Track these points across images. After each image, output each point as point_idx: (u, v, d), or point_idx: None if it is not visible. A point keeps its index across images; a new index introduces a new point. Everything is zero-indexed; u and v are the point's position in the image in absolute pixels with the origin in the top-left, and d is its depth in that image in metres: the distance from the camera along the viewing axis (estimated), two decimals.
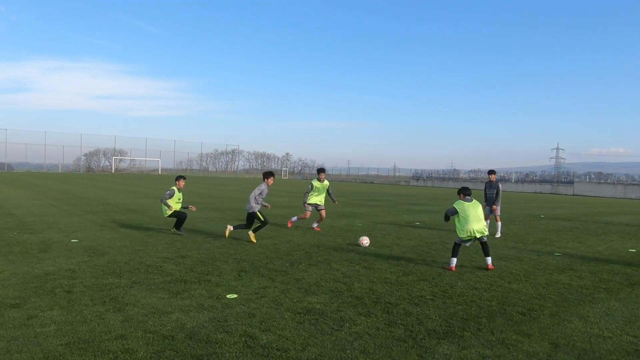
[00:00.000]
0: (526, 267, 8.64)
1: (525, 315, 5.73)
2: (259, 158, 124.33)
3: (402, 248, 10.39)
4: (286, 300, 6.03)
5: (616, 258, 10.05)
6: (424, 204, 25.32)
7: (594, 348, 4.73)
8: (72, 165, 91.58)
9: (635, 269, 8.87)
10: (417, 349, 4.55)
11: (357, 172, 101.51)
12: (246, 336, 4.72)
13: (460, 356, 4.40)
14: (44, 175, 60.03)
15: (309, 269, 7.93)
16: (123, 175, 73.42)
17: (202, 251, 9.19)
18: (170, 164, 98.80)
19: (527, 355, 4.49)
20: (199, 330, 4.82)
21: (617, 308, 6.19)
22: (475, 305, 6.06)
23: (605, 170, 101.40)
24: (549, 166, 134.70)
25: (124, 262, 7.97)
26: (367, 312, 5.65)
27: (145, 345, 4.41)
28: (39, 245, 9.39)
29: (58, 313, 5.22)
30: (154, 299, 5.89)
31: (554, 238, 13.06)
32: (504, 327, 5.24)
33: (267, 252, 9.38)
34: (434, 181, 77.59)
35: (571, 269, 8.63)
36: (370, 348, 4.52)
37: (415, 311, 5.74)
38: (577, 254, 10.37)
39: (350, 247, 10.21)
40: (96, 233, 11.20)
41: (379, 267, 8.20)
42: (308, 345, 4.53)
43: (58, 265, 7.58)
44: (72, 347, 4.31)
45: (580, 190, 58.11)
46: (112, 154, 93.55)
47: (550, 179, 71.71)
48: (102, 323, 4.95)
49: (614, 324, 5.50)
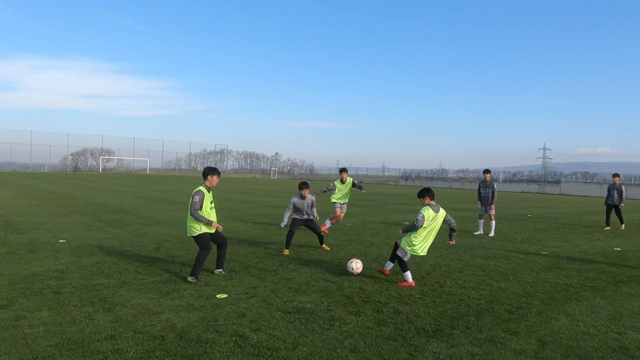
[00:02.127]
0: (514, 266, 8.73)
1: (513, 313, 5.80)
2: (248, 158, 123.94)
3: (391, 247, 10.44)
4: (276, 299, 6.04)
5: (602, 257, 10.19)
6: (413, 204, 25.42)
7: (580, 345, 4.80)
8: (59, 165, 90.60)
9: (620, 268, 9.01)
10: (407, 347, 4.59)
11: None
12: (237, 336, 4.72)
13: (449, 354, 4.45)
14: (30, 175, 59.33)
15: (299, 268, 7.95)
16: (111, 175, 72.80)
17: (191, 251, 9.16)
18: (159, 164, 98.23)
19: (514, 352, 4.55)
20: (189, 330, 4.82)
21: (603, 306, 6.29)
22: (464, 304, 6.12)
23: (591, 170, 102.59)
24: (536, 166, 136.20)
25: (113, 263, 7.92)
26: (357, 311, 5.68)
27: (135, 345, 4.39)
28: (26, 245, 9.30)
29: (46, 314, 5.19)
30: (144, 299, 5.87)
31: (541, 237, 13.20)
32: (492, 325, 5.30)
33: (257, 251, 9.37)
34: (423, 181, 77.92)
35: (558, 268, 8.74)
36: (361, 347, 4.55)
37: (405, 310, 5.78)
38: (564, 253, 10.50)
39: (340, 247, 10.25)
40: (84, 233, 11.11)
41: (369, 267, 8.24)
42: (298, 345, 4.55)
43: (46, 266, 7.52)
44: (61, 347, 4.28)
45: (566, 190, 58.73)
46: (100, 154, 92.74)
47: (538, 178, 72.40)
48: (92, 323, 4.93)
49: (599, 322, 5.59)
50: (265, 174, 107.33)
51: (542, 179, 69.72)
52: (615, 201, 16.15)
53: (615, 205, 16.18)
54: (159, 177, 65.86)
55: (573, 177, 68.75)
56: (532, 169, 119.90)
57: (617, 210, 16.24)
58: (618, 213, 16.28)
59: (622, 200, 16.16)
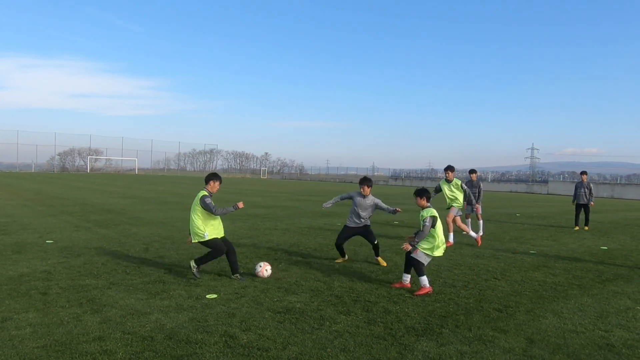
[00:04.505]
0: (502, 265, 8.80)
1: (502, 312, 5.85)
2: (237, 158, 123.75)
3: (381, 247, 10.46)
4: (266, 299, 6.03)
5: (589, 255, 10.31)
6: (403, 203, 25.51)
7: (567, 343, 4.85)
8: (46, 164, 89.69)
9: (606, 266, 9.12)
10: (397, 346, 4.61)
11: (336, 171, 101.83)
12: (226, 336, 4.71)
13: (438, 353, 4.47)
14: (17, 175, 58.63)
15: (289, 268, 7.94)
16: (99, 175, 72.19)
17: (180, 252, 9.12)
18: (147, 164, 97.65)
19: (503, 351, 4.58)
20: (178, 331, 4.79)
21: (590, 304, 6.36)
22: (453, 303, 6.16)
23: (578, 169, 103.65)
24: (524, 166, 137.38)
25: (101, 263, 7.86)
26: (347, 310, 5.69)
27: (124, 346, 4.36)
28: (12, 246, 9.19)
29: (34, 315, 5.13)
30: (133, 299, 5.83)
31: (529, 236, 13.32)
32: (481, 324, 5.34)
33: (246, 252, 9.35)
34: (412, 180, 78.24)
35: (546, 267, 8.83)
36: (351, 346, 4.56)
37: (395, 309, 5.80)
38: (552, 252, 10.60)
39: (330, 246, 10.25)
40: (72, 234, 11.01)
41: (358, 266, 8.26)
42: (289, 344, 4.54)
43: (33, 267, 7.44)
44: (49, 349, 4.24)
45: (554, 190, 59.31)
46: (88, 154, 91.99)
47: (526, 178, 73.06)
48: (80, 325, 4.88)
49: (586, 320, 5.66)
50: (255, 174, 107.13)
51: (530, 179, 70.35)
52: (585, 200, 15.94)
53: (585, 204, 15.97)
54: (147, 177, 65.44)
55: (560, 176, 69.44)
56: (520, 169, 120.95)
57: (586, 209, 16.00)
58: (587, 213, 16.01)
59: (592, 198, 16.02)
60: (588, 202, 15.96)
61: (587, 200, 15.95)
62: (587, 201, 15.95)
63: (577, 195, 16.14)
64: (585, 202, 15.98)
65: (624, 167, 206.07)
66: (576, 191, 16.21)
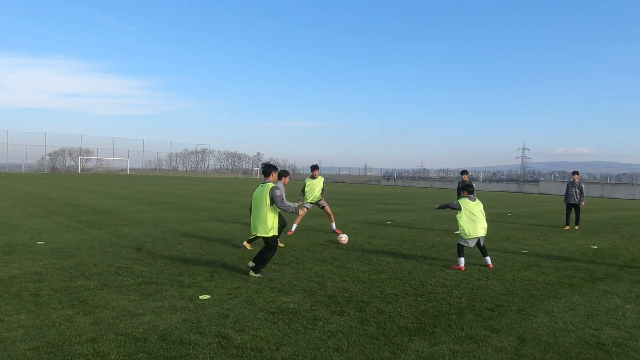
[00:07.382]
0: (494, 264, 8.85)
1: (494, 311, 5.89)
2: (229, 158, 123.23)
3: (373, 247, 10.50)
4: (260, 300, 6.03)
5: (579, 255, 10.40)
6: (395, 203, 25.60)
7: (558, 341, 4.90)
8: (36, 165, 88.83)
9: (596, 265, 9.21)
10: (390, 346, 4.63)
11: (328, 171, 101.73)
12: (220, 337, 4.71)
13: (431, 352, 4.50)
14: (6, 175, 58.09)
15: (282, 268, 7.94)
16: (90, 175, 71.69)
17: (173, 252, 9.09)
18: (139, 164, 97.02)
19: (495, 350, 4.62)
20: (171, 332, 4.78)
21: (580, 303, 6.42)
22: (446, 302, 6.20)
23: (569, 169, 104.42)
24: (515, 165, 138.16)
25: (93, 264, 7.82)
26: (340, 310, 5.71)
27: (116, 348, 4.35)
28: (3, 247, 9.11)
29: (25, 317, 5.10)
30: (125, 301, 5.81)
31: (520, 236, 13.41)
32: (473, 323, 5.38)
33: (239, 252, 9.34)
34: (405, 180, 78.45)
35: (537, 266, 8.90)
36: (344, 346, 4.58)
37: (388, 309, 5.83)
38: (543, 251, 10.68)
39: (323, 247, 10.27)
40: (63, 235, 10.94)
41: (351, 266, 8.28)
42: (282, 345, 4.55)
43: (24, 268, 7.38)
44: (41, 351, 4.22)
45: (545, 189, 59.72)
46: (78, 154, 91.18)
47: (517, 178, 73.46)
48: (72, 326, 4.86)
49: (577, 318, 5.71)
50: (248, 174, 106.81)
51: (521, 179, 70.76)
52: (576, 200, 16.02)
53: (576, 204, 16.06)
54: (139, 178, 65.10)
55: (551, 176, 69.94)
56: (511, 169, 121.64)
57: (577, 209, 16.11)
58: (578, 212, 16.13)
59: (583, 198, 16.12)
60: (579, 202, 16.03)
61: (577, 200, 16.01)
62: (577, 201, 16.01)
63: (568, 194, 16.20)
64: (576, 201, 16.04)
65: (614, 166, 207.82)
66: (567, 191, 16.27)
